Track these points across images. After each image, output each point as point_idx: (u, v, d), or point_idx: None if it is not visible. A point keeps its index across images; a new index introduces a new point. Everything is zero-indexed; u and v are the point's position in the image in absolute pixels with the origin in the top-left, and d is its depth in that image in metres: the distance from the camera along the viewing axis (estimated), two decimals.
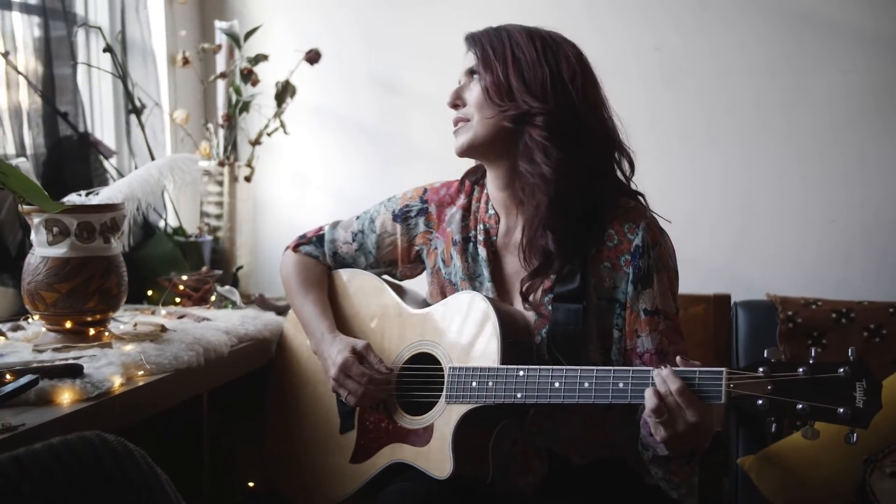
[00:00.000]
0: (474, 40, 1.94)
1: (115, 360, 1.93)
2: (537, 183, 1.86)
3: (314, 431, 2.18)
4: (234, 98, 2.90)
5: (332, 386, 2.01)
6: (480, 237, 2.02)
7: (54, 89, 2.63)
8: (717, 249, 2.97)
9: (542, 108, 1.85)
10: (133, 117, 2.85)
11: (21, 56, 2.59)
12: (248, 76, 2.86)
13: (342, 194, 3.21)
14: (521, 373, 1.80)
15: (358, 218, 2.19)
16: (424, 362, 2.00)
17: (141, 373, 1.96)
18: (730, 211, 2.98)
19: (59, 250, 2.04)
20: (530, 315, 1.92)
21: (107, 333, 2.13)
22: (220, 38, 2.96)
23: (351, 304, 2.18)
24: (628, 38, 2.99)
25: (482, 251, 2.01)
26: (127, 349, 2.03)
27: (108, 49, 2.55)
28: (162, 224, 2.87)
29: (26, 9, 2.62)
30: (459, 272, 2.03)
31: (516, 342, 1.88)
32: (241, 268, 2.84)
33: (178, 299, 2.64)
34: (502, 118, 1.88)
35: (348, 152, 3.26)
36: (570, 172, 1.85)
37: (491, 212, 2.02)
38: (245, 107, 2.91)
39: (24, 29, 2.60)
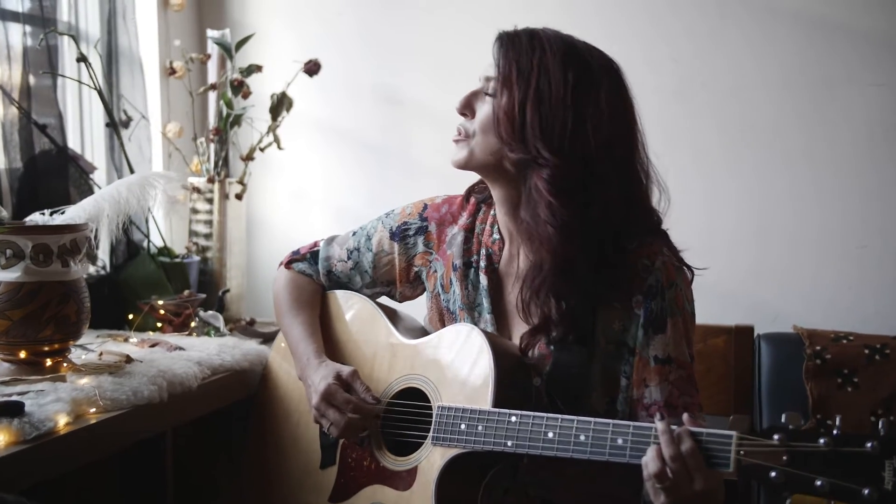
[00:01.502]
0: (502, 47, 1.73)
1: (64, 396, 1.76)
2: (541, 239, 1.68)
3: (294, 466, 2.03)
4: (224, 111, 2.74)
5: (314, 415, 1.86)
6: (482, 263, 1.86)
7: (30, 100, 2.48)
8: (738, 276, 2.75)
9: (553, 160, 1.65)
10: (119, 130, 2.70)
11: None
12: (239, 88, 2.69)
13: (343, 212, 3.04)
14: (514, 419, 1.64)
15: (354, 234, 2.05)
16: (414, 398, 1.84)
17: (93, 410, 1.79)
18: (750, 234, 2.76)
19: (12, 274, 1.89)
20: (534, 353, 1.75)
21: (65, 364, 1.97)
22: (213, 48, 2.80)
23: (343, 329, 2.03)
24: (640, 48, 2.80)
25: (483, 279, 1.86)
26: (82, 382, 1.87)
27: (81, 59, 2.40)
28: (147, 244, 2.71)
29: (5, 16, 2.47)
30: (458, 300, 1.87)
31: (513, 384, 1.71)
32: (227, 291, 2.67)
33: (159, 324, 2.48)
34: (505, 154, 1.71)
35: (349, 167, 3.08)
36: (578, 235, 1.66)
37: (496, 236, 1.87)
38: (237, 120, 2.75)
39: (2, 37, 2.46)
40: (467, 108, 1.77)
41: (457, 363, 1.77)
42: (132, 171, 2.52)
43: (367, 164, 3.06)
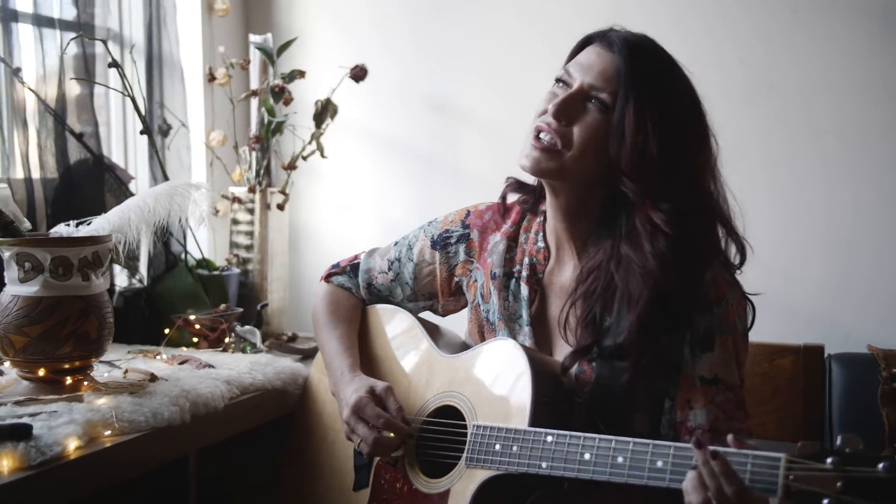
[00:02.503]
0: (625, 54, 1.60)
1: (78, 418, 1.67)
2: (643, 272, 1.57)
3: (327, 488, 1.94)
4: (266, 118, 2.64)
5: (345, 430, 1.76)
6: (525, 273, 1.76)
7: (65, 108, 2.42)
8: (807, 291, 2.56)
9: (677, 196, 1.58)
10: (158, 138, 2.63)
11: (37, 73, 2.39)
12: (280, 94, 2.60)
13: (390, 223, 2.92)
14: (550, 438, 1.53)
15: (396, 244, 1.97)
16: (450, 416, 1.74)
17: (108, 432, 1.70)
18: (820, 246, 2.56)
19: (31, 288, 1.81)
20: (574, 369, 1.64)
21: (86, 383, 1.88)
22: (254, 54, 2.71)
23: (382, 344, 1.94)
24: (711, 48, 2.63)
25: (524, 289, 1.76)
26: (99, 403, 1.78)
27: (113, 64, 2.33)
28: (184, 256, 2.62)
29: (41, 22, 2.41)
30: (497, 311, 1.77)
31: (552, 403, 1.60)
32: (265, 305, 2.57)
33: (195, 339, 2.39)
34: (606, 180, 1.64)
35: (397, 177, 2.96)
36: (685, 268, 1.57)
37: (540, 244, 1.77)
38: (278, 128, 2.65)
39: (35, 44, 2.40)
40: (566, 115, 1.61)
41: (495, 380, 1.67)
42: (167, 180, 2.44)
43: (415, 172, 2.94)
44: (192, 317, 2.33)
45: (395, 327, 1.94)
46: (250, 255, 2.71)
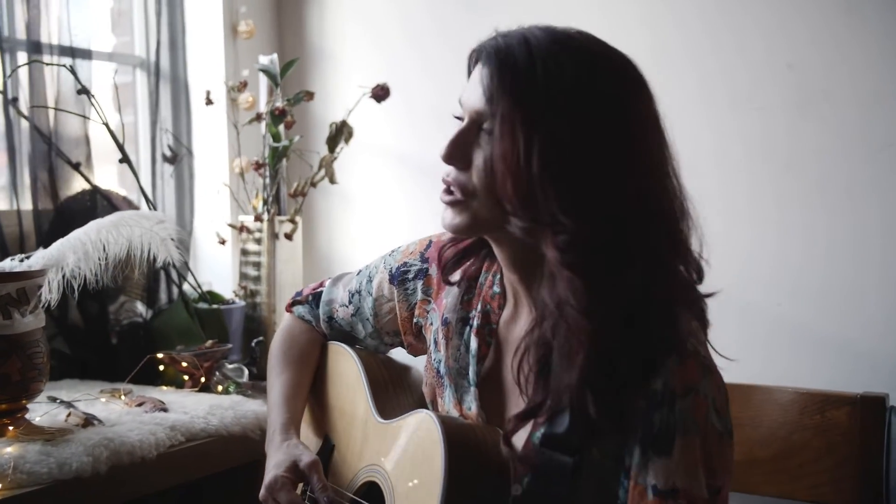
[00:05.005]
0: (491, 67, 1.27)
1: None
2: (569, 327, 1.25)
3: None
4: (270, 143, 2.50)
5: None
6: (476, 321, 1.45)
7: (57, 136, 2.36)
8: (867, 330, 2.19)
9: (572, 225, 1.22)
10: (164, 166, 2.54)
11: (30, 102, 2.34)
12: (281, 117, 2.45)
13: None
14: None
15: (359, 273, 1.70)
16: (375, 496, 1.49)
17: None
18: (884, 278, 2.18)
19: None
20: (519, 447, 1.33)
21: (11, 427, 1.77)
22: (261, 78, 2.58)
23: (331, 393, 1.71)
24: (755, 51, 2.31)
25: (473, 342, 1.44)
26: (6, 451, 1.66)
27: (82, 91, 2.23)
28: (187, 288, 2.51)
29: (39, 49, 2.36)
30: (444, 363, 1.48)
31: (474, 495, 1.30)
32: (261, 341, 2.41)
33: (185, 377, 2.27)
34: (507, 219, 1.28)
35: (420, 203, 2.76)
36: (617, 319, 1.23)
37: (496, 289, 1.46)
38: (284, 152, 2.50)
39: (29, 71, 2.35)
40: (457, 156, 1.30)
41: (413, 463, 1.39)
42: (152, 208, 2.33)
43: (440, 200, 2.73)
44: (173, 354, 2.20)
45: (340, 375, 1.70)
46: (259, 286, 2.56)
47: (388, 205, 2.80)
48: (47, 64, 2.26)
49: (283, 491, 1.47)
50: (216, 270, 2.76)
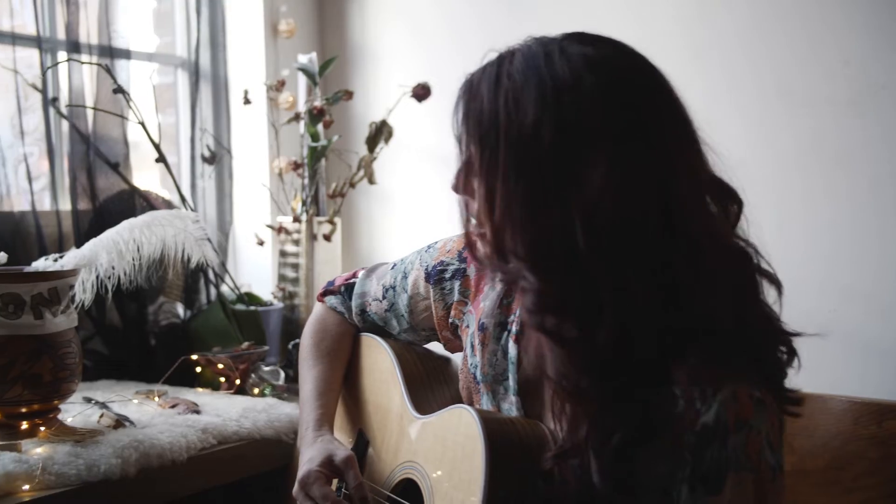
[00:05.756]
0: (458, 104, 1.22)
1: None
2: (565, 395, 1.19)
3: None
4: (308, 143, 2.47)
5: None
6: (515, 328, 1.39)
7: (95, 136, 2.35)
8: None
9: (536, 282, 1.14)
10: (204, 166, 2.52)
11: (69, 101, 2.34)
12: (319, 117, 2.42)
13: None
14: None
15: (393, 267, 1.65)
16: (413, 494, 1.45)
17: (26, 487, 1.55)
18: None
19: None
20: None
21: (43, 428, 1.75)
22: (301, 77, 2.56)
23: (366, 386, 1.67)
24: (809, 47, 2.23)
25: (512, 349, 1.38)
26: (36, 452, 1.64)
27: (118, 90, 2.22)
28: (225, 290, 2.49)
29: (78, 48, 2.36)
30: (480, 369, 1.43)
31: (516, 492, 1.25)
32: (297, 343, 2.37)
33: (222, 379, 2.24)
34: None
35: None
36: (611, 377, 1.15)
37: None
38: (322, 152, 2.47)
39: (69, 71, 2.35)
40: (464, 190, 1.25)
41: (453, 462, 1.35)
42: (190, 209, 2.31)
43: None
44: (208, 356, 2.18)
45: (373, 368, 1.66)
46: (297, 288, 2.53)
47: (428, 206, 2.76)
48: (83, 63, 2.26)
49: (316, 485, 1.45)
50: (255, 272, 2.73)
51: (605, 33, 1.23)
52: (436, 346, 1.66)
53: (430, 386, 1.62)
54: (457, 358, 1.60)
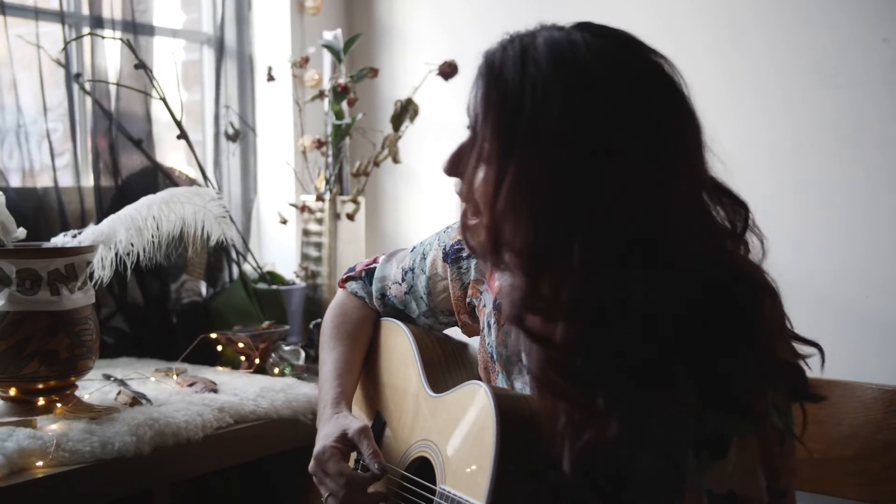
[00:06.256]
0: (478, 83, 1.16)
1: (10, 445, 1.54)
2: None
3: None
4: (332, 121, 2.44)
5: (315, 481, 1.50)
6: None
7: (118, 112, 2.34)
8: None
9: (525, 286, 1.12)
10: (228, 144, 2.50)
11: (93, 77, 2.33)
12: (343, 94, 2.38)
13: None
14: None
15: (413, 250, 1.64)
16: (427, 471, 1.44)
17: (40, 463, 1.55)
18: None
19: None
20: None
21: (59, 405, 1.75)
22: (326, 54, 2.52)
23: (384, 369, 1.66)
24: (848, 24, 2.17)
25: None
26: (51, 428, 1.64)
27: (140, 65, 2.20)
28: (247, 268, 2.47)
29: (102, 23, 2.34)
30: (495, 349, 1.43)
31: (525, 472, 1.23)
32: (319, 323, 2.35)
33: (242, 358, 2.23)
34: None
35: None
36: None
37: None
38: (347, 130, 2.44)
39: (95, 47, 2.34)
40: (459, 173, 1.20)
41: (464, 436, 1.34)
42: (212, 186, 2.30)
43: None
44: (230, 335, 2.16)
45: (393, 351, 1.65)
46: (320, 268, 2.51)
47: (453, 185, 2.72)
48: (104, 38, 2.24)
49: (331, 461, 1.44)
50: (279, 251, 2.72)
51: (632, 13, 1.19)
52: (456, 333, 1.64)
53: (447, 368, 1.61)
54: (475, 342, 1.58)
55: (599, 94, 1.09)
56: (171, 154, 2.55)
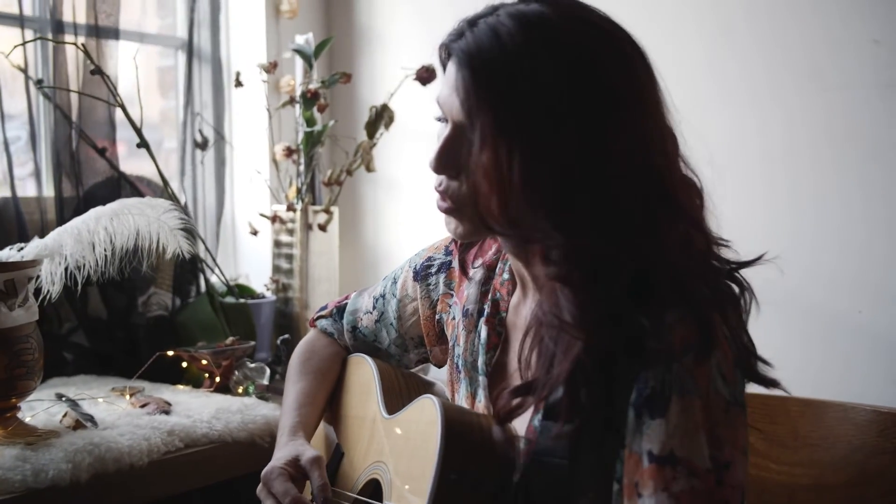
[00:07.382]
0: (463, 67, 1.15)
1: None
2: (569, 330, 1.15)
3: None
4: (303, 128, 2.35)
5: (261, 499, 1.44)
6: (486, 310, 1.37)
7: (81, 121, 2.26)
8: None
9: (567, 242, 1.12)
10: (197, 152, 2.42)
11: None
12: (312, 100, 2.29)
13: None
14: None
15: (384, 278, 1.63)
16: (376, 493, 1.39)
17: None
18: None
19: None
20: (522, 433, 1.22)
21: None
22: (297, 59, 2.43)
23: (346, 401, 1.62)
24: (837, 24, 2.07)
25: (483, 331, 1.36)
26: None
27: (96, 71, 2.12)
28: (215, 281, 2.39)
29: (65, 28, 2.26)
30: (461, 356, 1.41)
31: (467, 480, 1.19)
32: (286, 339, 2.26)
33: (206, 375, 2.14)
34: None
35: None
36: (605, 322, 1.13)
37: (506, 276, 1.38)
38: (317, 138, 2.35)
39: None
40: (448, 167, 1.19)
41: (413, 449, 1.30)
42: (172, 196, 2.21)
43: None
44: (190, 351, 2.07)
45: (357, 383, 1.61)
46: (291, 280, 2.42)
47: (434, 194, 2.63)
48: (56, 42, 2.16)
49: (277, 480, 1.38)
50: (253, 263, 2.63)
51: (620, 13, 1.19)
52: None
53: (408, 395, 1.54)
54: (441, 376, 1.56)
55: (601, 66, 1.12)
56: (144, 163, 2.46)
